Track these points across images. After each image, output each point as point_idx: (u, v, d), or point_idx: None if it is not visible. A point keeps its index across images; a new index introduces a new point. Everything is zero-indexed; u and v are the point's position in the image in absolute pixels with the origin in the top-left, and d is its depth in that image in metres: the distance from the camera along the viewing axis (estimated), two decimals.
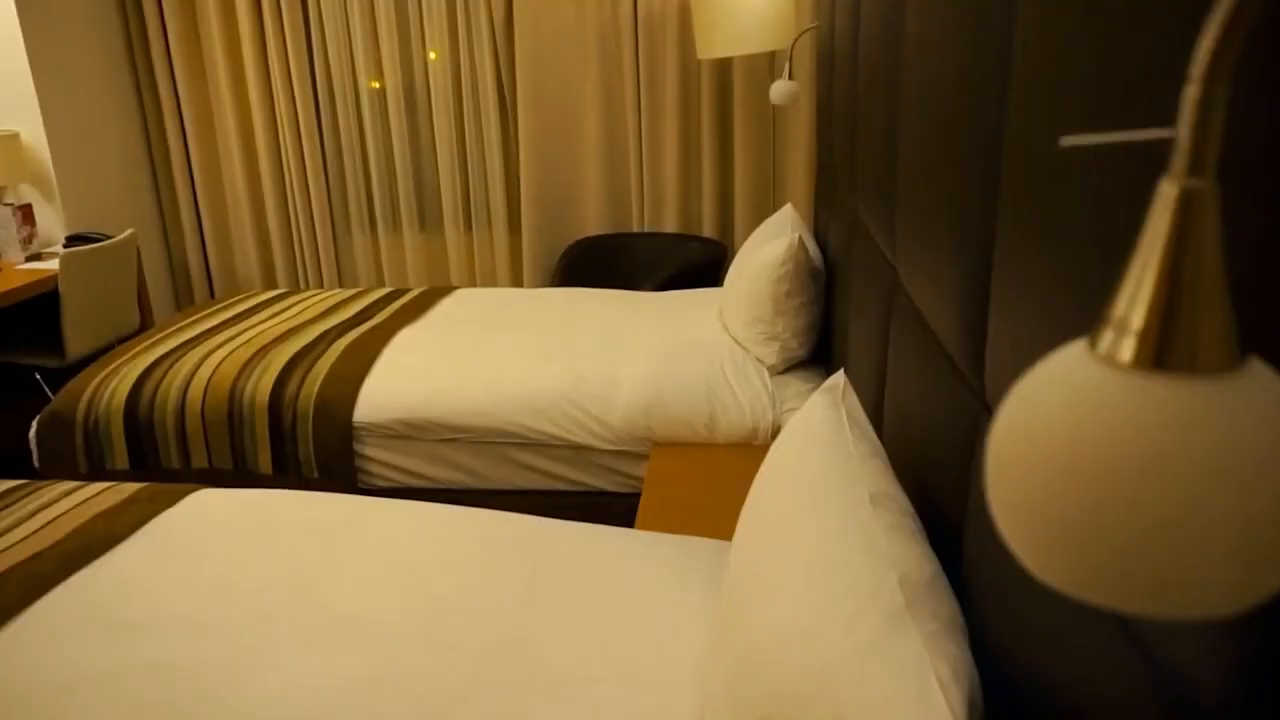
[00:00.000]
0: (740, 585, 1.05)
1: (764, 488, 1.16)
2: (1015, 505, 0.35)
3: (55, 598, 1.45)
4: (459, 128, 3.88)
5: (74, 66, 3.65)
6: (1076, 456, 0.33)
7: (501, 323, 2.79)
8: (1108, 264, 0.62)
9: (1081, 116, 0.68)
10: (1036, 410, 0.35)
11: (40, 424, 2.44)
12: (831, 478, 1.06)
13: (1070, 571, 0.34)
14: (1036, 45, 0.78)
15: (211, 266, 4.19)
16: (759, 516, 1.11)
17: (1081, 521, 0.33)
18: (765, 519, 1.09)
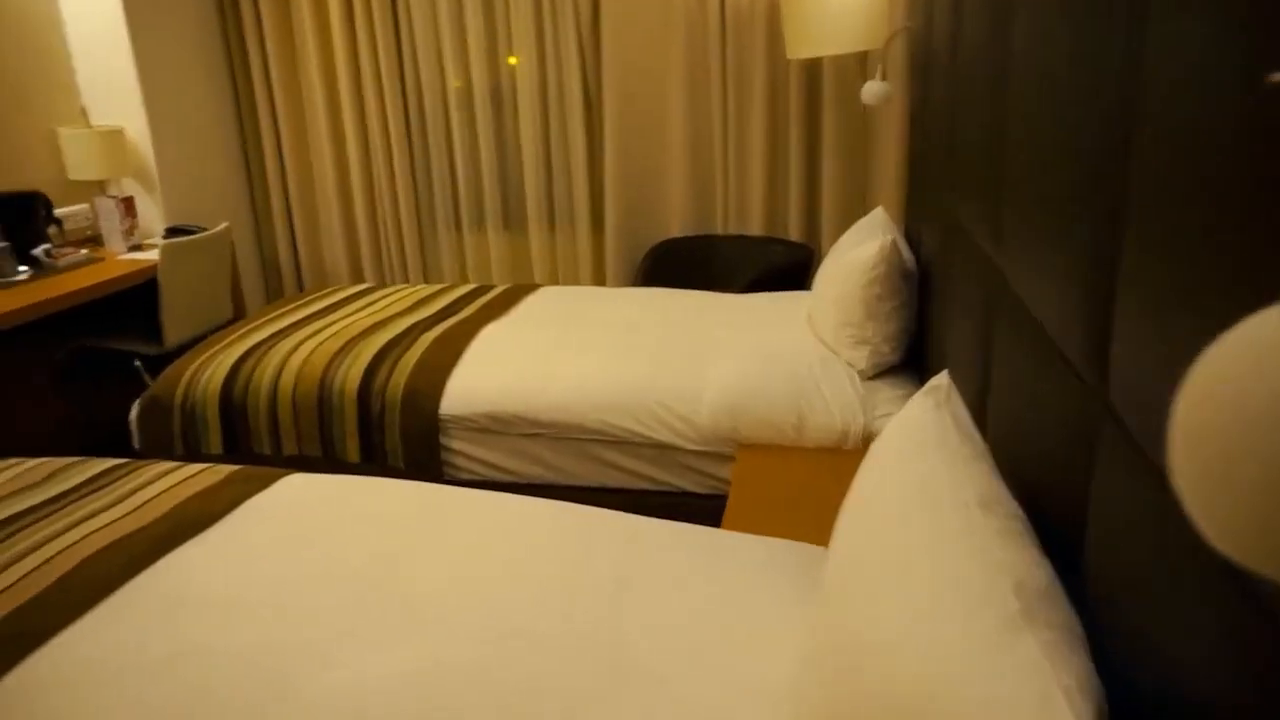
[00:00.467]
0: (841, 588, 1.02)
1: (865, 490, 1.12)
2: (1202, 471, 0.35)
3: (153, 574, 1.49)
4: (544, 127, 3.91)
5: (176, 65, 3.79)
6: (1271, 416, 0.32)
7: (586, 320, 2.79)
8: (1249, 255, 0.57)
9: (1225, 108, 0.63)
10: (1228, 376, 0.35)
11: (140, 408, 2.53)
12: (937, 480, 1.02)
13: (1255, 539, 0.34)
14: (1173, 38, 0.73)
15: (301, 260, 4.30)
16: (861, 519, 1.08)
17: (1272, 483, 0.32)
18: (867, 522, 1.05)
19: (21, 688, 1.23)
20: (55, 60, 3.52)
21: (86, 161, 3.48)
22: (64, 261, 3.20)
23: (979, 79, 1.59)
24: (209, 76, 3.99)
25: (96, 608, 1.39)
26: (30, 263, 3.15)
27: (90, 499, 1.73)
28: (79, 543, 1.56)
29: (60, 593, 1.41)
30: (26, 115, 3.40)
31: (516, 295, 3.10)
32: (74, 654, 1.29)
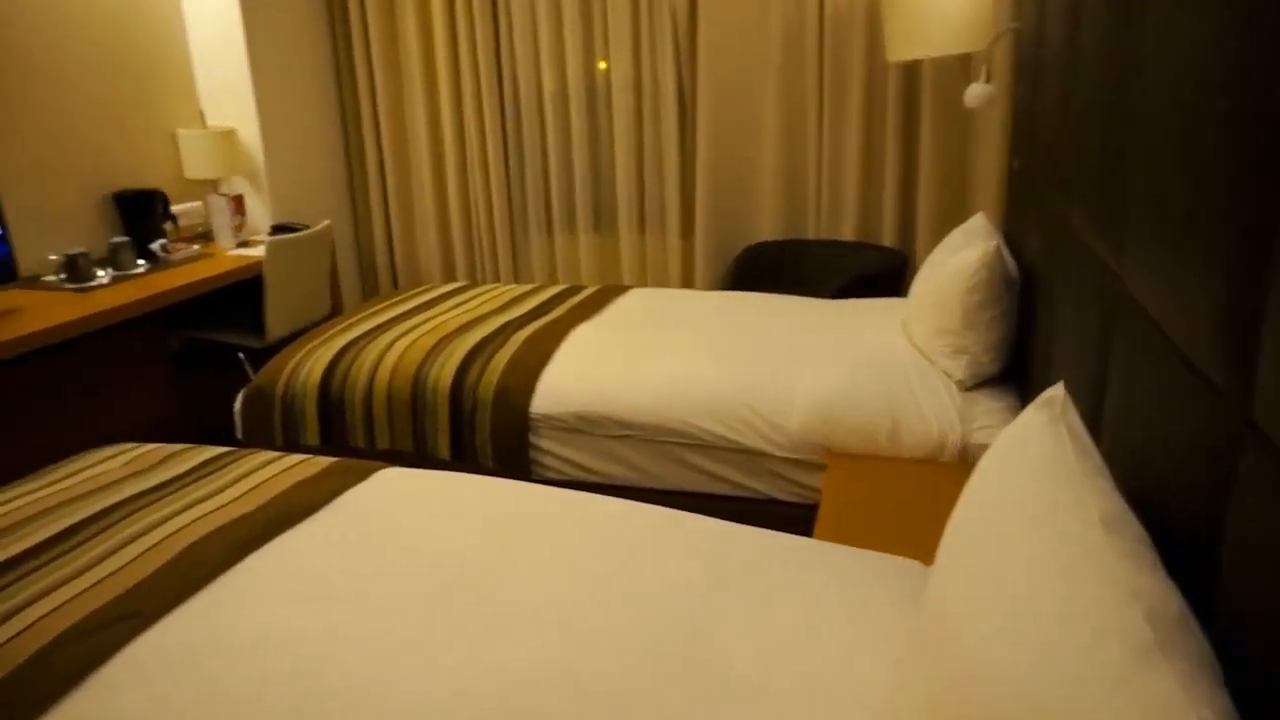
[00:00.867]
0: (949, 605, 0.98)
1: (975, 506, 1.08)
2: None
3: (255, 560, 1.53)
4: (637, 129, 3.91)
5: (286, 70, 3.92)
6: None
7: (676, 323, 2.78)
8: None
9: None
10: None
11: (244, 399, 2.61)
12: (1055, 497, 0.97)
13: None
14: None
15: (396, 258, 4.40)
16: (971, 537, 1.03)
17: None
18: (979, 540, 1.01)
19: (132, 666, 1.27)
20: (178, 66, 3.68)
21: (202, 161, 3.63)
22: (177, 256, 3.33)
23: (1100, 80, 1.52)
24: (316, 81, 4.12)
25: (203, 591, 1.43)
26: (147, 256, 3.30)
27: (197, 485, 1.79)
28: (187, 527, 1.61)
29: (169, 576, 1.46)
30: (150, 117, 3.56)
31: (607, 296, 3.10)
32: (181, 636, 1.33)
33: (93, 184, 3.34)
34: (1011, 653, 0.82)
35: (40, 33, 3.12)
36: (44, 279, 3.02)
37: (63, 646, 1.30)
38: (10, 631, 1.33)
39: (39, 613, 1.38)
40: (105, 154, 3.39)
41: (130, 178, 3.48)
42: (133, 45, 3.48)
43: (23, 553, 1.54)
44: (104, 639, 1.31)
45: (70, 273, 2.96)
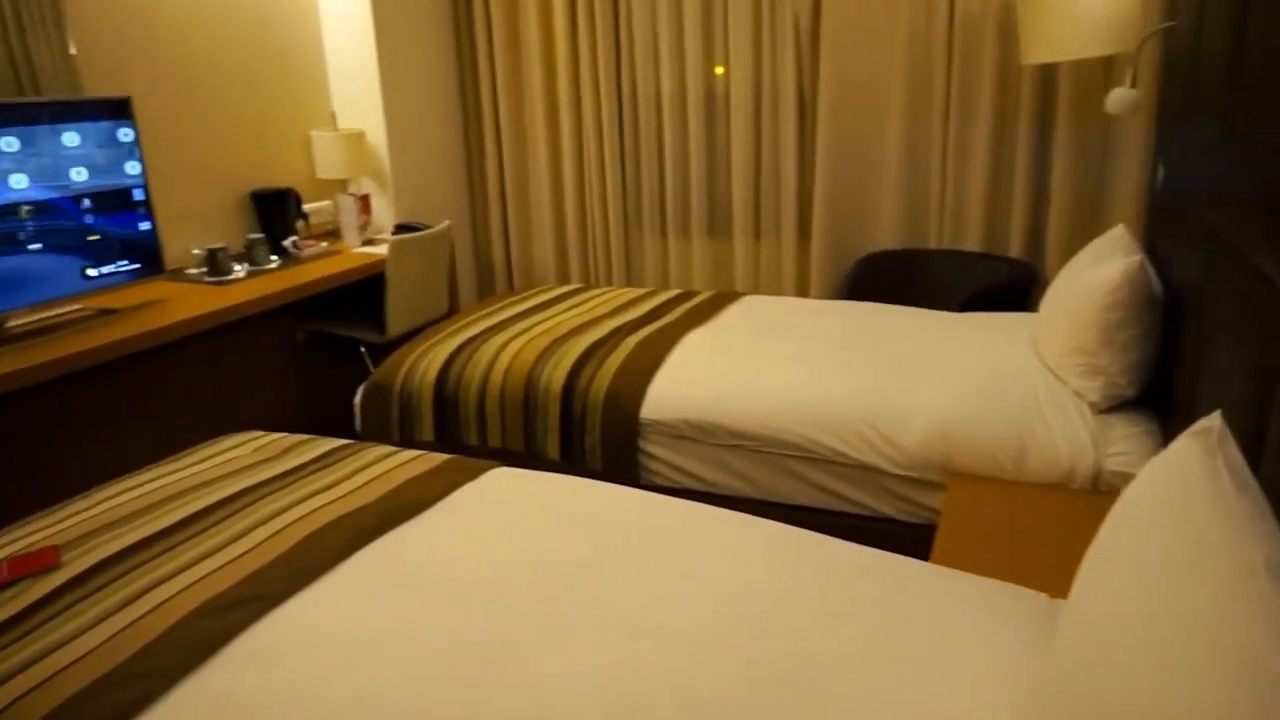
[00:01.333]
0: (1087, 647, 0.91)
1: (1118, 539, 1.00)
2: None
3: (371, 552, 1.56)
4: (755, 134, 3.87)
5: (413, 76, 4.03)
6: None
7: (791, 332, 2.73)
8: None
9: None
10: None
11: (364, 393, 2.69)
12: (1213, 538, 0.89)
13: None
14: None
15: (512, 259, 4.47)
16: (1113, 572, 0.96)
17: None
18: (1123, 576, 0.93)
19: (253, 649, 1.31)
20: (313, 72, 3.84)
21: (332, 161, 3.77)
22: (307, 252, 3.47)
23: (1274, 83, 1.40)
24: (441, 86, 4.23)
25: (319, 580, 1.47)
26: (280, 252, 3.44)
27: (318, 476, 1.85)
28: (307, 516, 1.66)
29: (289, 563, 1.50)
30: (287, 120, 3.72)
31: (720, 303, 3.07)
32: (299, 622, 1.37)
33: (233, 183, 3.51)
34: (1163, 706, 0.76)
35: (190, 41, 3.30)
36: (186, 272, 3.19)
37: (191, 624, 1.35)
38: (145, 607, 1.40)
39: (171, 591, 1.44)
40: (245, 155, 3.55)
41: (267, 177, 3.65)
42: (273, 53, 3.64)
43: (158, 532, 1.61)
44: (229, 620, 1.36)
45: (210, 266, 3.11)
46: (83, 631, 1.35)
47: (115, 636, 1.33)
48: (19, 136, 2.45)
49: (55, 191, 2.55)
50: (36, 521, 1.72)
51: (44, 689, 1.22)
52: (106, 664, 1.27)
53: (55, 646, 1.31)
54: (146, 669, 1.26)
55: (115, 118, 2.70)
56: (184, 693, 1.23)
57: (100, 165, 2.67)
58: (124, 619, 1.37)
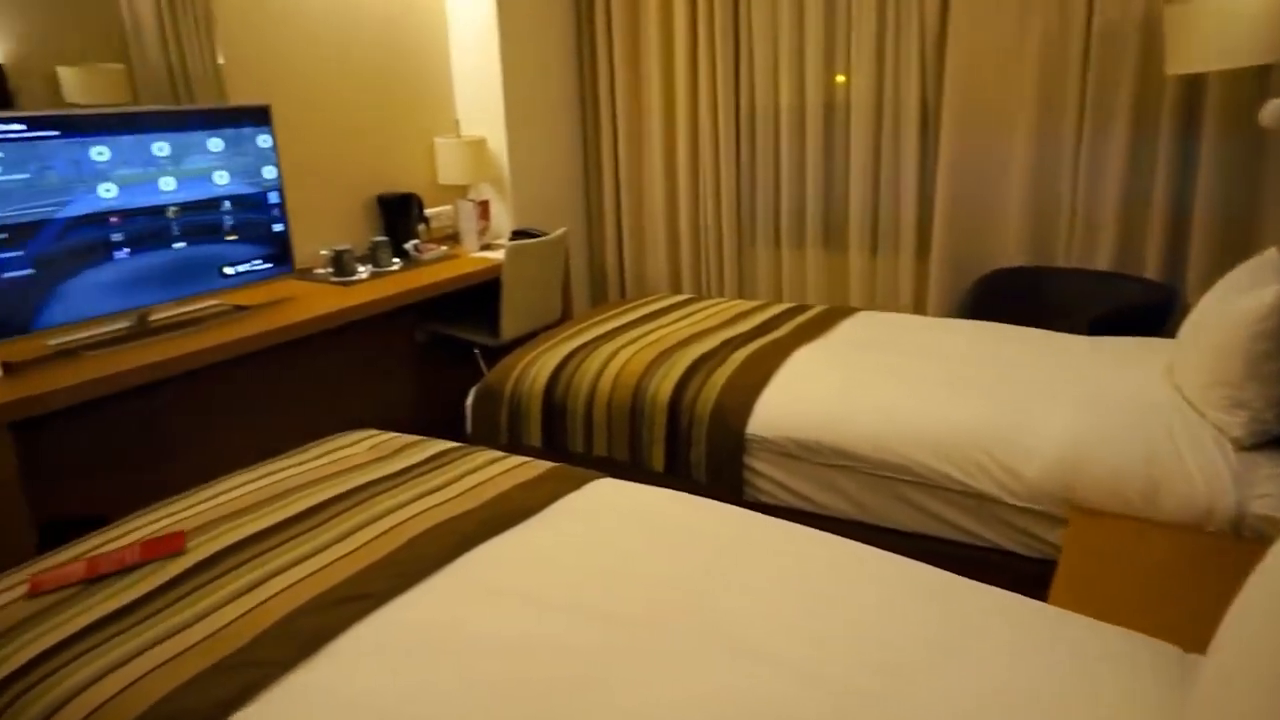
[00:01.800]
0: (1230, 711, 0.84)
1: (1268, 593, 0.92)
2: None
3: (474, 557, 1.58)
4: (875, 145, 3.78)
5: (534, 85, 4.11)
6: None
7: (906, 350, 2.64)
8: None
9: None
10: None
11: (475, 396, 2.74)
12: None
13: None
14: None
15: (625, 267, 4.50)
16: (1261, 630, 0.88)
17: None
18: (1272, 636, 0.86)
19: (359, 645, 1.35)
20: (439, 81, 3.96)
21: (454, 168, 3.88)
22: (427, 256, 3.57)
23: None
24: (561, 95, 4.30)
25: (424, 582, 1.50)
26: (401, 255, 3.56)
27: (428, 477, 1.89)
28: (415, 517, 1.70)
29: (396, 563, 1.54)
30: (413, 127, 3.85)
31: (833, 318, 3.01)
32: (402, 622, 1.40)
33: (360, 187, 3.65)
34: None
35: (324, 52, 3.45)
36: (314, 271, 3.33)
37: (301, 618, 1.40)
38: (259, 598, 1.45)
39: (284, 583, 1.49)
40: (372, 160, 3.69)
41: (391, 182, 3.78)
42: (402, 63, 3.77)
43: (275, 525, 1.68)
44: (336, 616, 1.40)
45: (336, 267, 3.24)
46: (201, 617, 1.41)
47: (231, 624, 1.39)
48: (170, 142, 2.61)
49: (199, 193, 2.70)
50: (168, 506, 1.81)
51: (163, 670, 1.28)
52: (221, 651, 1.32)
53: (176, 630, 1.38)
54: (258, 658, 1.31)
55: (256, 124, 2.84)
56: (290, 684, 1.27)
57: (240, 169, 2.81)
58: (239, 608, 1.43)
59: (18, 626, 1.41)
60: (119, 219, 2.50)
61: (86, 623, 1.40)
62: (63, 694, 1.25)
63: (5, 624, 1.42)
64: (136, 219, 2.54)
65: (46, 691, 1.25)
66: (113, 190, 2.48)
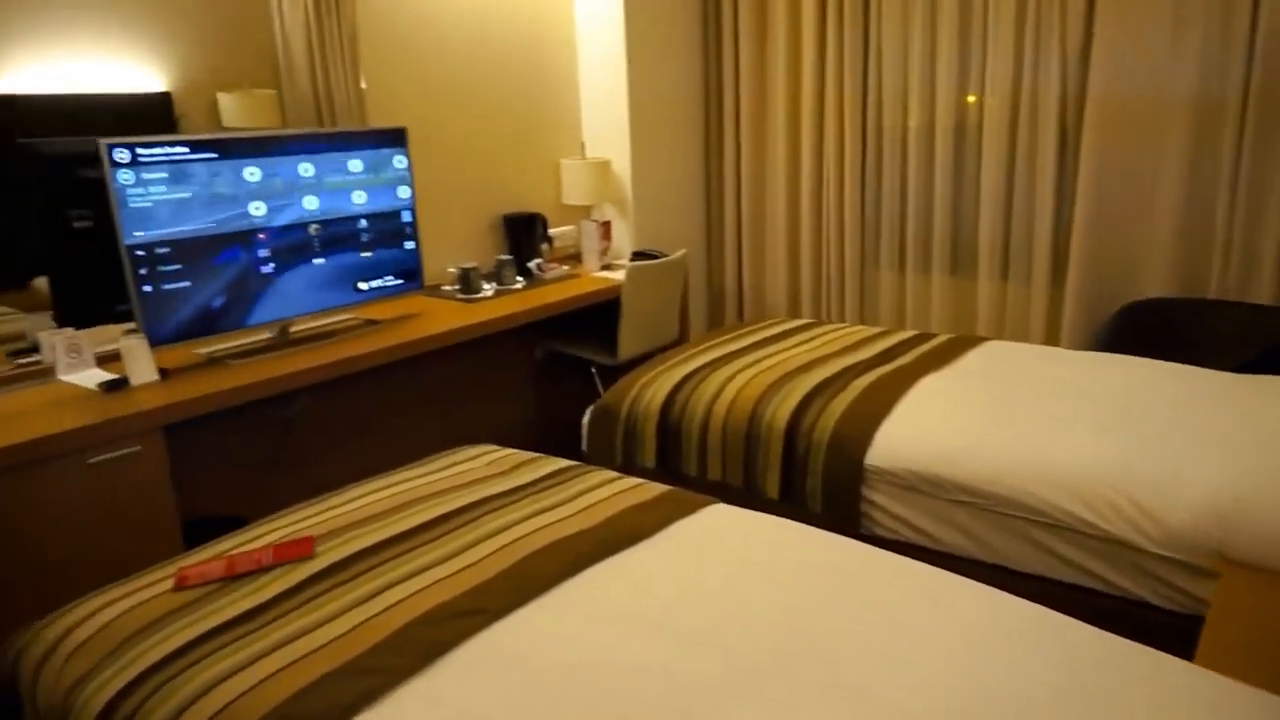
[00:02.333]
0: None
1: None
2: None
3: (585, 578, 1.60)
4: (1008, 168, 3.64)
5: (660, 107, 4.15)
6: None
7: (1037, 384, 2.53)
8: None
9: None
10: None
11: (592, 414, 2.77)
12: None
13: None
14: None
15: (744, 290, 4.48)
16: None
17: None
18: None
19: (471, 659, 1.37)
20: (568, 104, 4.05)
21: (579, 188, 3.95)
22: (550, 274, 3.64)
23: None
24: (686, 117, 4.33)
25: (538, 599, 1.52)
26: (525, 273, 3.64)
27: (544, 495, 1.92)
28: (530, 535, 1.72)
29: (511, 579, 1.56)
30: (541, 149, 3.95)
31: (959, 347, 2.90)
32: (515, 639, 1.42)
33: (487, 207, 3.76)
34: None
35: (459, 77, 3.58)
36: (441, 288, 3.44)
37: (420, 628, 1.43)
38: (381, 605, 1.50)
39: (404, 593, 1.54)
40: (500, 181, 3.80)
41: (517, 202, 3.88)
42: (533, 88, 3.87)
43: (397, 535, 1.73)
44: (453, 628, 1.43)
45: (462, 284, 3.34)
46: (327, 621, 1.47)
47: (354, 630, 1.44)
48: (314, 162, 2.75)
49: (339, 212, 2.83)
50: (300, 511, 1.90)
51: (289, 671, 1.34)
52: (344, 655, 1.37)
53: (303, 632, 1.44)
54: (378, 665, 1.35)
55: (393, 146, 2.97)
56: (407, 692, 1.30)
57: (377, 189, 2.94)
58: (362, 614, 1.48)
59: (164, 618, 1.50)
60: (266, 235, 2.65)
61: (222, 620, 1.48)
62: (199, 687, 1.32)
63: (154, 614, 1.51)
64: (282, 236, 2.69)
65: (185, 683, 1.33)
66: (261, 209, 2.63)
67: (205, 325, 2.53)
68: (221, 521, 2.66)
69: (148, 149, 2.36)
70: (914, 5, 3.73)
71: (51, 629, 1.53)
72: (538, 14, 3.84)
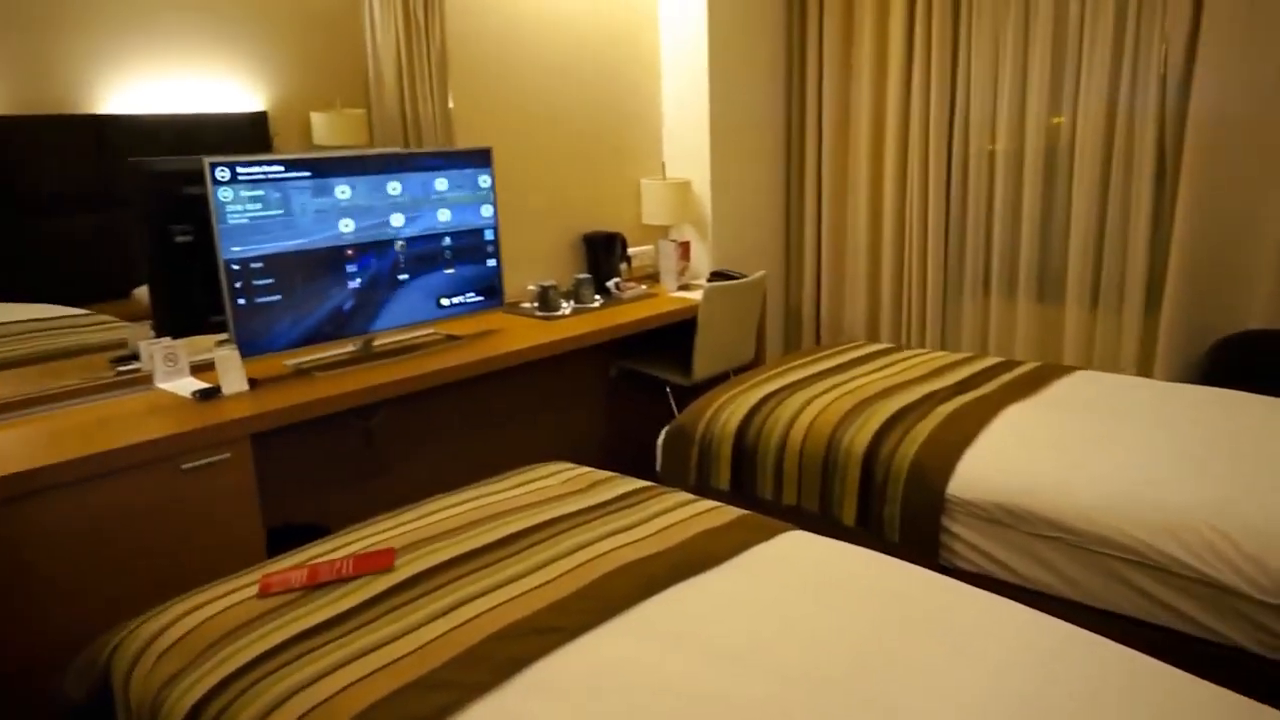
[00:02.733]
0: None
1: None
2: None
3: (660, 602, 1.59)
4: (1102, 191, 3.53)
5: (741, 128, 4.15)
6: None
7: (1129, 416, 2.43)
8: None
9: None
10: None
11: (667, 435, 2.77)
12: None
13: None
14: None
15: (822, 312, 4.43)
16: None
17: None
18: None
19: (545, 678, 1.38)
20: (650, 126, 4.08)
21: (658, 208, 3.97)
22: (627, 294, 3.66)
23: None
24: (768, 138, 4.32)
25: (611, 620, 1.52)
26: (603, 292, 3.67)
27: (618, 515, 1.92)
28: (605, 555, 1.72)
29: (586, 599, 1.56)
30: (623, 169, 3.99)
31: (1047, 376, 2.82)
32: (588, 659, 1.42)
33: (568, 226, 3.81)
34: None
35: (544, 98, 3.63)
36: (520, 305, 3.49)
37: (495, 644, 1.44)
38: (457, 620, 1.52)
39: (480, 608, 1.55)
40: (581, 200, 3.84)
41: (597, 221, 3.91)
42: (616, 109, 3.91)
43: (474, 550, 1.75)
44: (527, 646, 1.44)
45: (541, 302, 3.38)
46: (404, 633, 1.49)
47: (431, 643, 1.45)
48: (402, 181, 2.82)
49: (424, 229, 2.90)
50: (380, 523, 1.94)
51: (367, 682, 1.36)
52: (419, 669, 1.39)
53: (381, 643, 1.46)
54: (454, 680, 1.36)
55: (478, 165, 3.03)
56: (483, 708, 1.31)
57: (461, 208, 2.99)
58: (439, 628, 1.50)
59: (250, 623, 1.54)
60: (354, 252, 2.72)
61: (304, 627, 1.51)
62: (282, 692, 1.35)
63: (240, 619, 1.55)
64: (369, 252, 2.76)
65: (269, 688, 1.36)
66: (350, 226, 2.70)
67: (293, 338, 2.61)
68: (303, 529, 2.74)
69: (246, 167, 2.45)
70: (1006, 25, 3.66)
71: (144, 628, 1.59)
72: (623, 35, 3.89)
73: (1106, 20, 3.38)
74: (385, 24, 3.08)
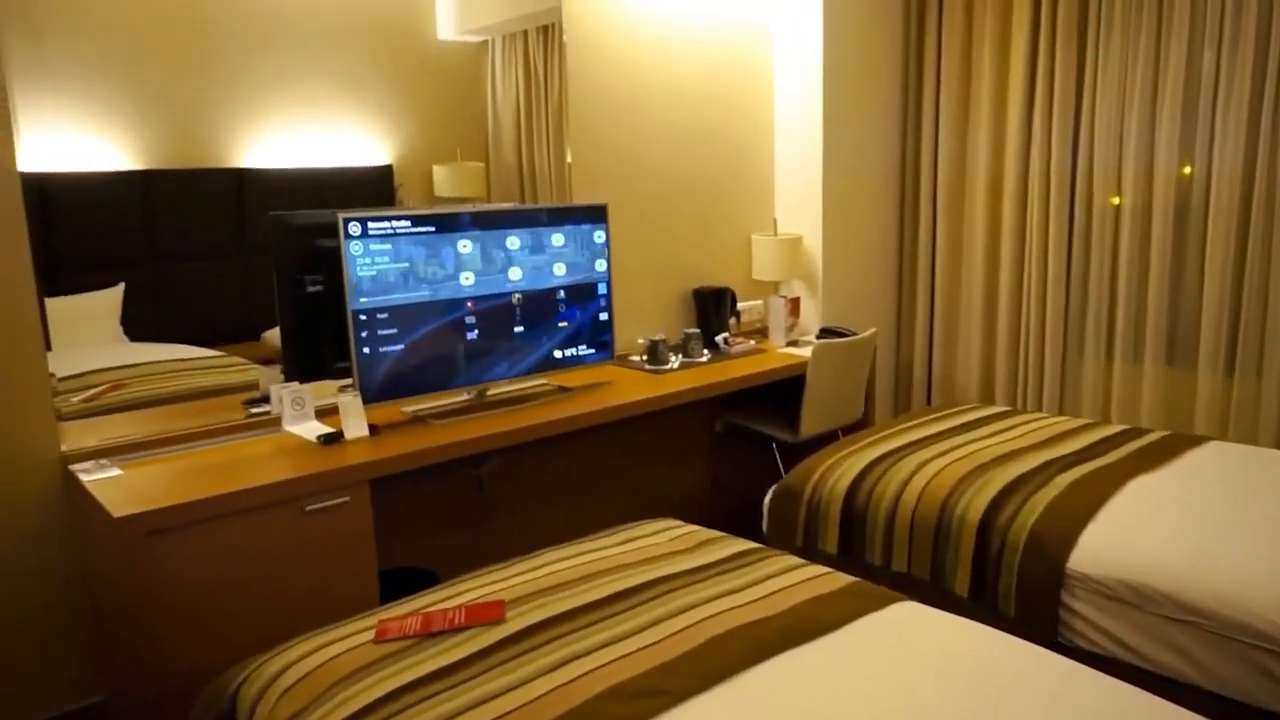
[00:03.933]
0: None
1: None
2: None
3: (768, 669, 1.57)
4: (1240, 246, 3.36)
5: (854, 184, 4.13)
6: None
7: (1270, 492, 2.29)
8: None
9: None
10: None
11: (774, 494, 2.75)
12: None
13: None
14: None
15: (933, 372, 4.33)
16: None
17: None
18: None
19: None
20: (762, 182, 4.11)
21: (769, 264, 3.98)
22: (736, 349, 3.67)
23: None
24: (881, 194, 4.29)
25: (720, 685, 1.51)
26: (711, 346, 3.68)
27: (726, 577, 1.91)
28: (713, 617, 1.71)
29: (694, 662, 1.56)
30: (734, 225, 4.03)
31: (1177, 446, 2.68)
32: None
33: (678, 280, 3.85)
34: None
35: (658, 154, 3.71)
36: (630, 358, 3.53)
37: (602, 704, 1.45)
38: (565, 677, 1.53)
39: (588, 666, 1.56)
40: (692, 255, 3.88)
41: (707, 275, 3.94)
42: (729, 165, 3.96)
43: (582, 606, 1.77)
44: (636, 708, 1.44)
45: (650, 355, 3.41)
46: (514, 687, 1.51)
47: (539, 699, 1.47)
48: (520, 236, 2.91)
49: (540, 283, 2.98)
50: (491, 573, 1.98)
51: None
52: None
53: (493, 695, 1.49)
54: None
55: (594, 221, 3.10)
56: None
57: (577, 262, 3.07)
58: (550, 683, 1.51)
59: (366, 667, 1.59)
60: (473, 304, 2.82)
61: (417, 675, 1.55)
62: None
63: (357, 663, 1.61)
64: (487, 304, 2.85)
65: None
66: (470, 279, 2.80)
67: (412, 386, 2.70)
68: (413, 573, 2.81)
69: (377, 222, 2.58)
70: (1134, 73, 3.55)
71: (268, 666, 1.66)
72: (737, 91, 3.94)
73: (1245, 65, 3.24)
74: (506, 80, 3.21)
